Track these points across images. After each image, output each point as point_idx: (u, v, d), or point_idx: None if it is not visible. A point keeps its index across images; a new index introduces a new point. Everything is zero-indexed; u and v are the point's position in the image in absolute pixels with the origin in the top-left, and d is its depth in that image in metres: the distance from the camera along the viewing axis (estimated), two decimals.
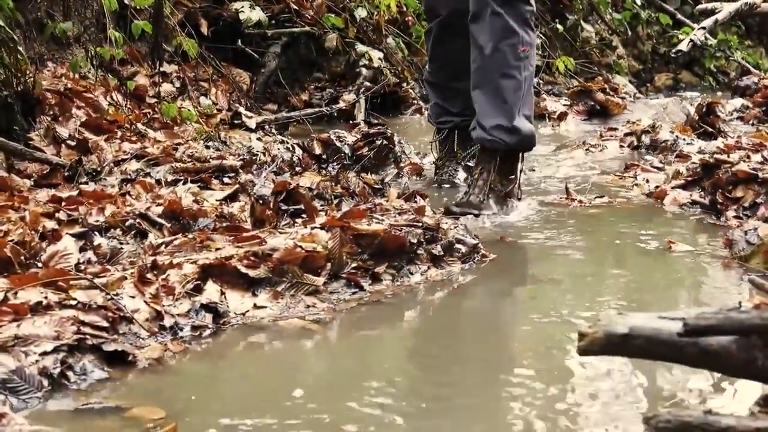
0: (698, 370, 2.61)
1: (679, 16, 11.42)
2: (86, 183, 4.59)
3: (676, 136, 6.42)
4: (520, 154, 4.94)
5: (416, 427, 2.54)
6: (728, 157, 5.05)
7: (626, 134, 6.76)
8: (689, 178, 5.17)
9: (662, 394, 2.75)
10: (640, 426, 2.18)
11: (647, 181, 5.40)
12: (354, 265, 3.67)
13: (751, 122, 7.60)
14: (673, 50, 9.92)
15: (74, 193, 4.22)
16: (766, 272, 3.70)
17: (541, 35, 9.97)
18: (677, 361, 2.17)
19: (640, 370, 2.84)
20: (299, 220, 4.00)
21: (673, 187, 5.14)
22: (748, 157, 4.99)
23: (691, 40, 9.67)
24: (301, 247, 3.63)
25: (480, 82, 4.90)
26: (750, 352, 2.07)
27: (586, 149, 6.58)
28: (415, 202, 4.39)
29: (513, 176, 4.87)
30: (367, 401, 2.70)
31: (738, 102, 8.19)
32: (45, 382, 2.72)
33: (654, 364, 2.73)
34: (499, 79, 4.80)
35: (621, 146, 6.56)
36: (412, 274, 3.75)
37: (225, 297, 3.37)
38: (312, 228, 3.82)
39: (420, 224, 3.91)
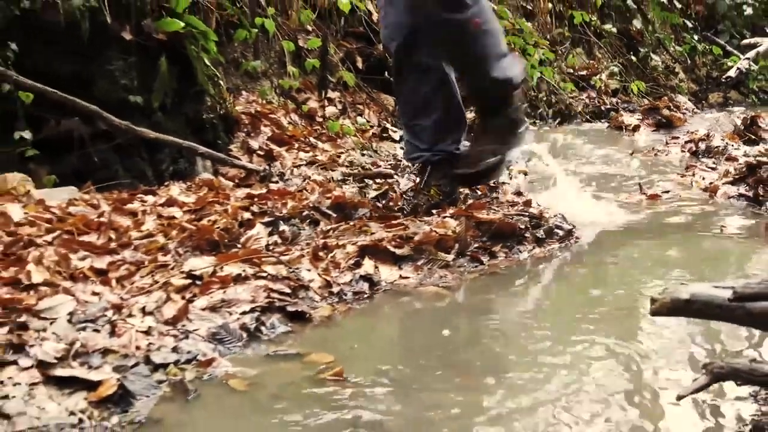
0: (745, 328, 2.59)
1: (728, 48, 11.26)
2: (276, 182, 4.65)
3: (726, 143, 6.32)
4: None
5: (531, 365, 2.55)
6: None
7: (686, 141, 6.66)
8: (736, 176, 5.08)
9: (716, 346, 2.72)
10: (699, 372, 2.16)
11: (703, 178, 5.32)
12: (476, 245, 3.68)
13: None
14: (724, 76, 9.81)
15: (264, 191, 4.28)
16: None
17: (618, 64, 9.85)
18: (728, 320, 2.14)
19: (698, 328, 2.81)
20: (434, 211, 4.00)
21: (723, 183, 5.06)
22: None
23: (738, 68, 9.52)
24: (435, 231, 3.66)
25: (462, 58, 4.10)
26: None
27: (655, 154, 6.50)
28: (523, 197, 4.38)
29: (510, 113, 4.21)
30: (490, 346, 2.74)
31: None
32: (244, 335, 2.78)
33: (709, 323, 2.71)
34: (482, 38, 3.96)
35: (682, 151, 6.45)
36: (521, 251, 3.75)
37: (378, 270, 3.40)
38: (443, 217, 3.84)
39: (527, 214, 3.92)
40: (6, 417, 2.15)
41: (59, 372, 2.36)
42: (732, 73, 9.61)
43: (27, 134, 4.05)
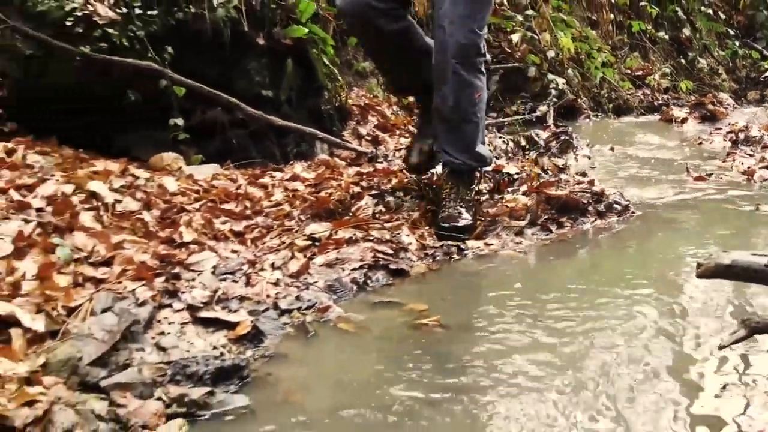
0: None
1: (765, 52, 10.95)
2: (381, 162, 4.66)
3: (762, 133, 6.14)
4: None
5: (590, 314, 2.53)
6: None
7: (728, 132, 6.49)
8: None
9: (753, 304, 2.66)
10: (736, 326, 2.12)
11: (742, 163, 5.19)
12: (545, 216, 3.65)
13: None
14: (762, 76, 9.55)
15: (371, 169, 4.29)
16: None
17: (669, 66, 9.63)
18: (764, 283, 2.10)
19: (737, 290, 2.75)
20: (509, 189, 3.96)
21: (760, 168, 4.94)
22: None
23: None
24: (506, 205, 3.65)
25: (444, 124, 3.57)
26: None
27: (700, 142, 6.35)
28: (587, 176, 4.32)
29: (473, 186, 3.69)
30: (556, 297, 2.71)
31: None
32: (354, 287, 2.80)
33: (747, 285, 2.64)
34: (462, 125, 3.54)
35: (724, 140, 6.30)
36: (584, 223, 3.70)
37: None
38: (515, 194, 3.81)
39: (590, 191, 3.86)
40: (162, 349, 2.20)
41: (205, 314, 2.41)
42: None
43: (179, 121, 4.12)
